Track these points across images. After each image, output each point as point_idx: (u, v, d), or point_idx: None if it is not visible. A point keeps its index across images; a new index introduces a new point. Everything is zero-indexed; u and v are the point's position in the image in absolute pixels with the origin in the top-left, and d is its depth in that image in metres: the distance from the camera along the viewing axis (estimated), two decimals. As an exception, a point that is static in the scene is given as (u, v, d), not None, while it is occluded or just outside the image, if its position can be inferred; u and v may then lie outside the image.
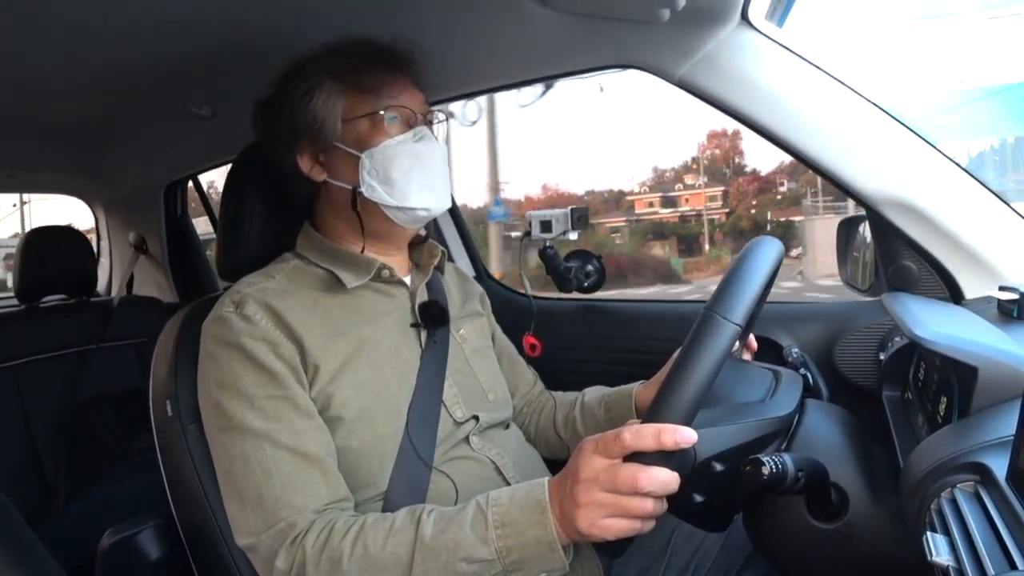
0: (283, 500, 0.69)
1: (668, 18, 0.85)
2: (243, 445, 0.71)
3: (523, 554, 0.62)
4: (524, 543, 0.62)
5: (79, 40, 0.94)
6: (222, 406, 0.73)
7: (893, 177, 0.86)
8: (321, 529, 0.67)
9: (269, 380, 0.73)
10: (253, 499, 0.70)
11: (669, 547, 0.95)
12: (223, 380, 0.74)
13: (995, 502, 0.45)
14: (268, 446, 0.71)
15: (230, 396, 0.73)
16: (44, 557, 0.78)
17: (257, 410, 0.72)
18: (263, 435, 0.71)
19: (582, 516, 0.59)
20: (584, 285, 1.29)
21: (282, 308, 0.77)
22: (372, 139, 0.81)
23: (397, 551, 0.64)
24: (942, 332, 0.67)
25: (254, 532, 0.69)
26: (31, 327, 1.67)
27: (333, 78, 0.82)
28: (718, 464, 0.64)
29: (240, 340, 0.74)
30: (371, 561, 0.64)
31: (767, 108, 0.89)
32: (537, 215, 1.30)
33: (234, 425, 0.72)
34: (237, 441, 0.72)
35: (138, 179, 1.87)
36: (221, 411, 0.73)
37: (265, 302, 0.77)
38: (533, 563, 0.62)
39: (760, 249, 0.65)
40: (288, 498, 0.69)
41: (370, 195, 0.80)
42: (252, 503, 0.70)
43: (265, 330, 0.75)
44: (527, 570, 0.63)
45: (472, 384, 0.88)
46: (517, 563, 0.62)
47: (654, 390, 0.74)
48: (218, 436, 0.74)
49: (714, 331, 0.57)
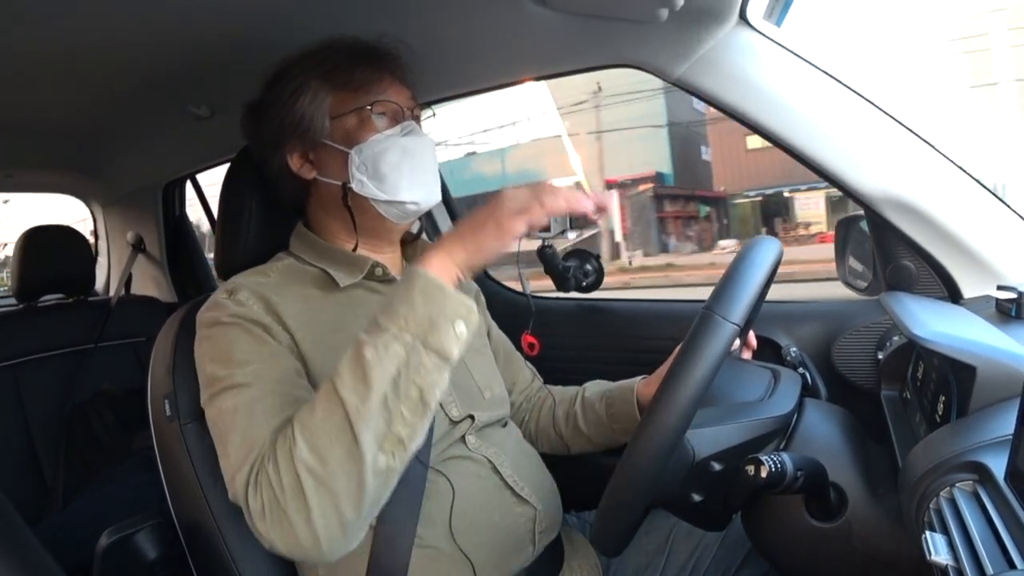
0: (260, 431, 0.66)
1: (666, 18, 0.85)
2: (233, 399, 0.70)
3: (419, 313, 0.61)
4: (413, 303, 0.62)
5: (77, 40, 0.94)
6: (217, 375, 0.72)
7: (891, 176, 0.86)
8: (272, 444, 0.64)
9: (261, 349, 0.73)
10: (232, 441, 0.67)
11: (668, 545, 0.95)
12: (217, 353, 0.74)
13: (994, 501, 0.45)
14: (257, 389, 0.69)
15: (224, 364, 0.72)
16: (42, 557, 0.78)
17: (250, 370, 0.71)
18: (251, 386, 0.70)
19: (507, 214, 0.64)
20: (583, 284, 1.29)
21: (275, 301, 0.77)
22: (360, 135, 0.81)
23: (325, 400, 0.62)
24: (941, 331, 0.67)
25: (232, 469, 0.66)
26: (29, 326, 1.66)
27: (319, 77, 0.82)
28: (716, 463, 0.64)
29: (232, 319, 0.75)
30: (311, 427, 0.62)
31: (766, 107, 0.89)
32: None
33: (226, 385, 0.71)
34: (227, 397, 0.70)
35: (136, 179, 1.87)
36: (216, 380, 0.72)
37: (259, 293, 0.78)
38: (436, 317, 0.62)
39: (759, 249, 0.65)
40: (265, 428, 0.66)
41: (360, 190, 0.80)
42: (236, 447, 0.67)
43: (258, 314, 0.76)
44: (437, 329, 0.62)
45: (467, 382, 0.88)
46: (421, 325, 0.61)
47: (656, 385, 0.73)
48: (211, 400, 0.72)
49: (712, 331, 0.57)
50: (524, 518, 0.83)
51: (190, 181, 1.95)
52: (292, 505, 0.61)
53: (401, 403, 0.61)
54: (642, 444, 0.56)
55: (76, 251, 1.74)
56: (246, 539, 0.82)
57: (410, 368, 0.61)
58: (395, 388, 0.61)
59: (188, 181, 1.94)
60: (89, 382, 1.66)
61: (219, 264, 0.95)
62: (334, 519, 0.61)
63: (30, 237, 1.66)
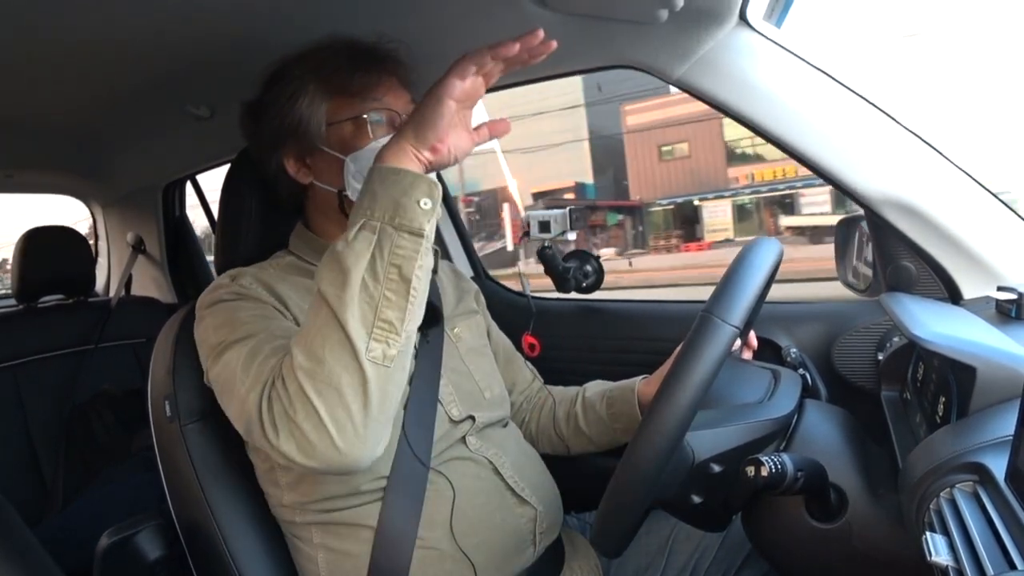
0: (266, 363, 0.67)
1: (666, 18, 0.85)
2: (239, 350, 0.70)
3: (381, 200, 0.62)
4: (373, 191, 0.63)
5: (77, 40, 0.94)
6: (222, 340, 0.73)
7: (891, 177, 0.86)
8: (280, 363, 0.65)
9: (263, 311, 0.75)
10: (241, 378, 0.68)
11: (668, 546, 0.95)
12: (219, 323, 0.74)
13: (994, 502, 0.45)
14: (263, 336, 0.71)
15: (227, 328, 0.73)
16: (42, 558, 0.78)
17: (251, 327, 0.72)
18: (255, 335, 0.71)
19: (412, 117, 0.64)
20: (583, 285, 1.29)
21: (277, 286, 0.79)
22: (356, 142, 0.81)
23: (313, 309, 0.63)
24: (941, 332, 0.67)
25: (243, 399, 0.66)
26: (29, 327, 1.67)
27: (317, 81, 0.82)
28: (717, 465, 0.64)
29: (233, 295, 0.76)
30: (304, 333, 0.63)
31: (765, 108, 0.89)
32: (536, 215, 1.30)
33: (230, 342, 0.71)
34: (233, 350, 0.71)
35: (136, 179, 1.87)
36: (220, 344, 0.72)
37: (260, 278, 0.79)
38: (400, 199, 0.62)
39: (758, 250, 0.65)
40: (271, 360, 0.67)
41: (355, 198, 0.80)
42: (240, 381, 0.68)
43: (258, 293, 0.77)
44: (403, 209, 0.62)
45: (468, 383, 0.88)
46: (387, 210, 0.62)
47: (656, 385, 0.73)
48: (217, 362, 0.72)
49: (712, 333, 0.57)
50: (525, 519, 0.83)
51: (190, 182, 1.95)
52: (301, 413, 0.61)
53: (383, 285, 0.62)
54: (642, 446, 0.56)
55: (76, 252, 1.75)
56: (246, 539, 0.82)
57: (384, 249, 0.61)
58: (373, 272, 0.61)
59: (188, 182, 1.94)
60: (89, 383, 1.66)
61: (219, 264, 0.95)
62: (344, 417, 0.61)
63: (30, 238, 1.67)
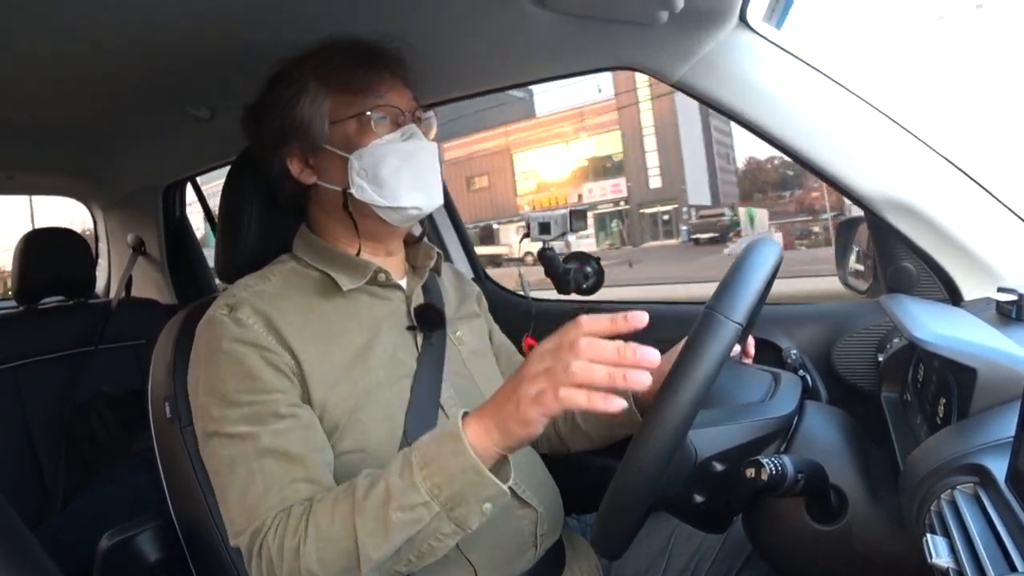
0: (263, 500, 0.69)
1: (666, 20, 0.85)
2: (229, 449, 0.72)
3: (453, 488, 0.61)
4: (451, 476, 0.61)
5: (77, 41, 0.94)
6: (209, 411, 0.74)
7: (892, 179, 0.86)
8: (279, 524, 0.67)
9: (253, 385, 0.73)
10: (237, 501, 0.70)
11: (668, 548, 0.95)
12: (210, 385, 0.74)
13: (995, 504, 0.45)
14: (251, 448, 0.71)
15: (216, 401, 0.73)
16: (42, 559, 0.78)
17: (241, 415, 0.72)
18: (247, 438, 0.71)
19: (524, 400, 0.58)
20: (583, 287, 1.29)
21: (276, 316, 0.76)
22: (360, 140, 0.80)
23: (342, 520, 0.64)
24: (941, 333, 0.67)
25: (238, 532, 0.70)
26: (30, 329, 1.67)
27: (319, 80, 0.81)
28: (718, 464, 0.64)
29: (229, 345, 0.74)
30: (323, 538, 0.64)
31: (765, 110, 0.89)
32: (536, 217, 1.30)
33: (220, 430, 0.72)
34: (223, 445, 0.72)
35: (137, 181, 1.87)
36: (208, 416, 0.74)
37: (259, 309, 0.77)
38: (468, 494, 0.62)
39: (760, 249, 0.65)
40: (268, 498, 0.69)
41: (360, 196, 0.80)
42: (236, 505, 0.70)
43: (257, 335, 0.75)
44: (465, 504, 0.62)
45: (470, 386, 0.88)
46: (452, 499, 0.62)
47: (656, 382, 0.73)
48: (206, 440, 0.75)
49: (715, 330, 0.57)
50: (526, 521, 0.83)
51: (190, 183, 1.95)
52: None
53: (411, 553, 0.65)
54: (644, 444, 0.56)
55: (76, 253, 1.74)
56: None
57: (429, 531, 0.63)
58: (410, 543, 0.64)
59: (188, 183, 1.95)
60: (89, 384, 1.66)
61: (220, 266, 0.95)
62: None
63: (31, 239, 1.67)
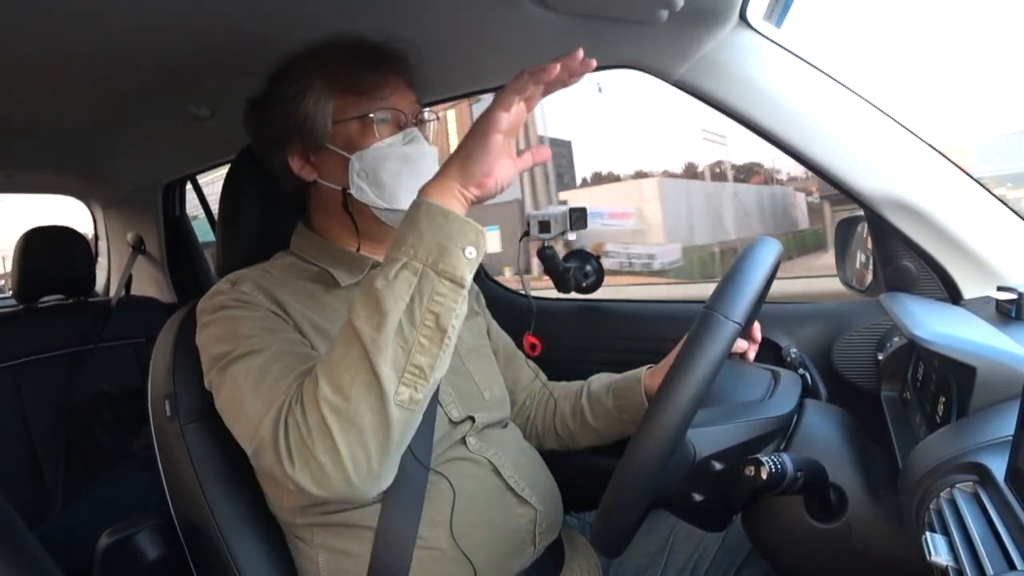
0: (278, 386, 0.67)
1: (666, 19, 0.85)
2: (247, 364, 0.70)
3: (427, 242, 0.61)
4: (420, 232, 0.61)
5: (77, 40, 0.94)
6: (226, 352, 0.72)
7: (892, 177, 0.86)
8: (296, 391, 0.65)
9: (266, 323, 0.74)
10: (251, 400, 0.67)
11: (668, 546, 0.95)
12: (222, 333, 0.74)
13: (994, 502, 0.45)
14: (270, 353, 0.70)
15: (231, 341, 0.73)
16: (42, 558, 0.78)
17: (257, 340, 0.72)
18: (260, 352, 0.70)
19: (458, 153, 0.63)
20: (583, 285, 1.29)
21: (278, 292, 0.78)
22: (362, 141, 0.81)
23: (342, 339, 0.63)
24: (941, 332, 0.67)
25: (257, 423, 0.65)
26: (29, 327, 1.66)
27: (324, 79, 0.81)
28: (717, 463, 0.64)
29: (235, 303, 0.76)
30: (331, 365, 0.62)
31: (766, 109, 0.89)
32: (536, 215, 1.30)
33: (236, 355, 0.71)
34: (241, 365, 0.70)
35: (136, 179, 1.87)
36: (224, 356, 0.72)
37: (261, 285, 0.78)
38: (446, 242, 0.61)
39: (759, 249, 0.65)
40: (283, 383, 0.67)
41: (359, 196, 0.80)
42: (251, 404, 0.67)
43: (260, 301, 0.76)
44: (447, 254, 0.61)
45: (468, 384, 0.88)
46: (430, 252, 0.61)
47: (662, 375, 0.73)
48: (223, 375, 0.72)
49: (714, 330, 0.57)
50: (525, 519, 0.83)
51: (190, 181, 1.95)
52: (320, 446, 0.61)
53: (418, 331, 0.61)
54: (643, 443, 0.56)
55: (76, 252, 1.74)
56: (246, 539, 0.82)
57: (423, 294, 0.61)
58: (410, 316, 0.61)
59: (188, 181, 1.94)
60: (89, 383, 1.66)
61: (219, 264, 0.95)
62: (361, 456, 0.61)
63: (30, 238, 1.67)
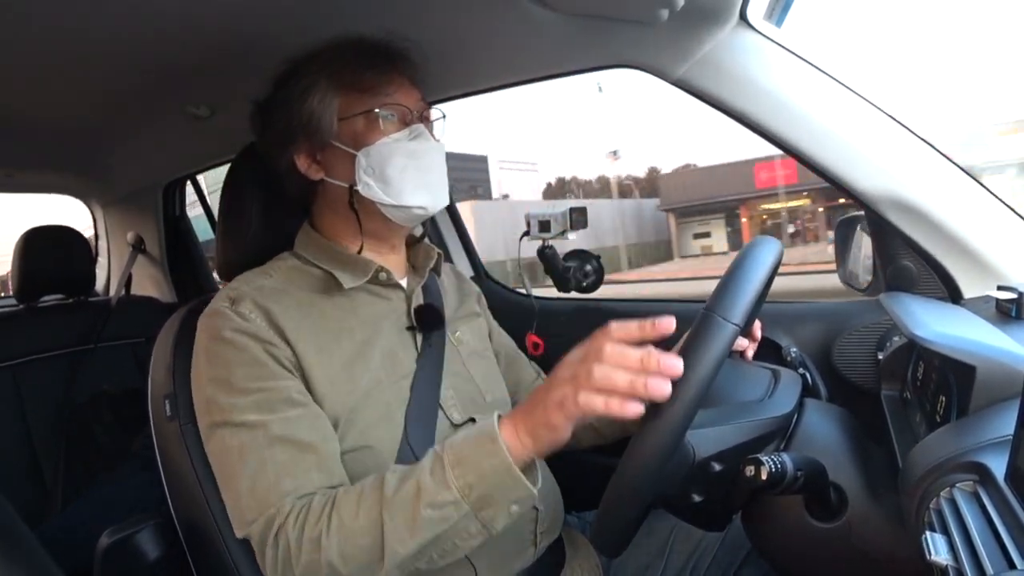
0: (275, 487, 0.69)
1: (667, 18, 0.85)
2: (238, 437, 0.71)
3: (484, 488, 0.62)
4: (483, 476, 0.62)
5: (77, 39, 0.94)
6: (215, 401, 0.73)
7: (892, 177, 0.86)
8: (299, 512, 0.67)
9: (261, 372, 0.73)
10: (247, 490, 0.70)
11: (668, 546, 0.95)
12: (215, 375, 0.74)
13: (994, 502, 0.45)
14: (262, 436, 0.71)
15: (223, 390, 0.73)
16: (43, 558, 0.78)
17: (250, 403, 0.72)
18: (257, 426, 0.71)
19: (550, 405, 0.61)
20: (583, 285, 1.29)
21: (277, 311, 0.77)
22: (368, 137, 0.81)
23: (368, 515, 0.64)
24: (941, 331, 0.67)
25: (248, 522, 0.69)
26: (29, 327, 1.66)
27: (328, 77, 0.82)
28: (717, 464, 0.64)
29: (233, 335, 0.74)
30: (347, 532, 0.64)
31: (766, 108, 0.89)
32: (536, 214, 1.30)
33: (228, 419, 0.72)
34: (232, 434, 0.72)
35: (136, 179, 1.87)
36: (214, 406, 0.73)
37: (260, 303, 0.77)
38: (498, 495, 0.62)
39: (759, 249, 0.65)
40: (280, 485, 0.69)
41: (366, 193, 0.80)
42: (246, 494, 0.70)
43: (259, 328, 0.75)
44: (495, 505, 0.63)
45: (469, 386, 0.88)
46: (482, 499, 0.62)
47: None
48: (212, 431, 0.74)
49: (713, 332, 0.57)
50: (525, 519, 0.83)
51: (190, 181, 1.95)
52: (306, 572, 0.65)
53: (435, 550, 0.65)
54: (643, 444, 0.56)
55: (76, 251, 1.74)
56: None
57: (456, 530, 0.64)
58: (435, 541, 0.64)
59: (188, 181, 1.95)
60: (89, 382, 1.66)
61: (220, 264, 0.95)
62: None
63: (30, 238, 1.66)
